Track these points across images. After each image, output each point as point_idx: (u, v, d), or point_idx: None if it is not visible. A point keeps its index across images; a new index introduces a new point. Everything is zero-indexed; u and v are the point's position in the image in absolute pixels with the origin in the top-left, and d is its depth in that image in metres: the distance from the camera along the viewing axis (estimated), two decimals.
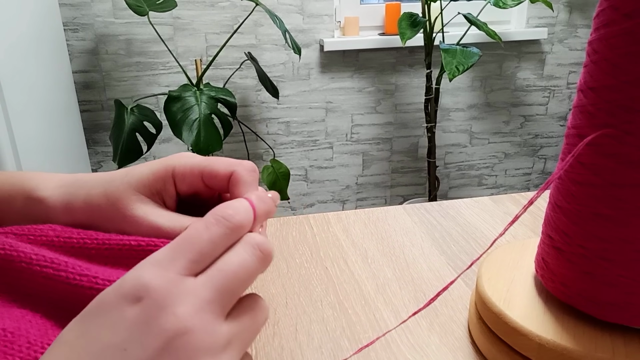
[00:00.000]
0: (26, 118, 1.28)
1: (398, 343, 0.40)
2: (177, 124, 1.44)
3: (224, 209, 0.25)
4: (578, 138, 0.33)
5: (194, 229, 0.24)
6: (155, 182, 0.31)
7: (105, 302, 0.22)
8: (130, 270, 0.23)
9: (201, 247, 0.24)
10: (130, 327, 0.21)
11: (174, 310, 0.22)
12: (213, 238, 0.24)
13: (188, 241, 0.24)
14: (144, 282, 0.22)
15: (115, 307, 0.22)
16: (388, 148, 2.11)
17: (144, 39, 1.80)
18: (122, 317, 0.22)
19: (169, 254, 0.23)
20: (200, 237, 0.24)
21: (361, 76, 1.99)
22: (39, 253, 0.28)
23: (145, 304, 0.22)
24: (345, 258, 0.52)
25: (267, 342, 0.40)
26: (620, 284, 0.32)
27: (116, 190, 0.31)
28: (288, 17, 1.85)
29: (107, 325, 0.22)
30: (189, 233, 0.24)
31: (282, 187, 1.72)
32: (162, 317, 0.21)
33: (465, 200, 0.65)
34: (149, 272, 0.22)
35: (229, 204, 0.25)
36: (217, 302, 0.23)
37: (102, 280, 0.27)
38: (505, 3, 1.66)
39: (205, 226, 0.24)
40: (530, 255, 0.42)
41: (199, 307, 0.22)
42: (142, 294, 0.22)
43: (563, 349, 0.32)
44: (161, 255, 0.23)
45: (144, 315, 0.21)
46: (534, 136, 2.23)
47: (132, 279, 0.22)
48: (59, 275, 0.27)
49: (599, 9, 0.31)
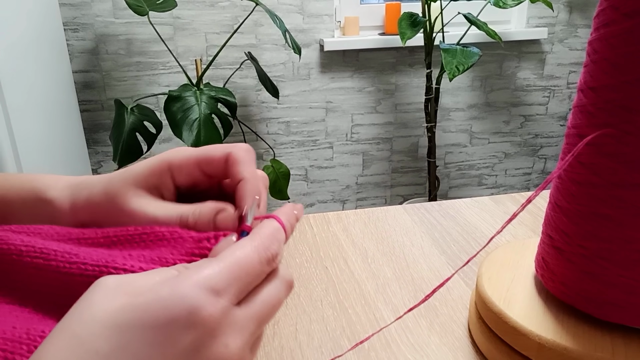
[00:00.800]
0: (26, 118, 1.28)
1: (398, 343, 0.40)
2: (177, 124, 1.44)
3: (272, 245, 0.26)
4: (578, 138, 0.33)
5: (248, 258, 0.25)
6: (152, 176, 0.32)
7: (152, 319, 0.21)
8: (178, 286, 0.22)
9: (251, 280, 0.25)
10: (180, 353, 0.21)
11: (225, 342, 0.22)
12: (262, 274, 0.25)
13: (243, 271, 0.24)
14: (199, 309, 0.22)
15: (165, 329, 0.21)
16: (388, 148, 2.11)
17: (144, 38, 1.80)
18: (173, 341, 0.21)
19: (225, 281, 0.23)
20: (254, 269, 0.25)
21: (361, 76, 1.99)
22: (28, 244, 0.28)
23: (199, 331, 0.22)
24: (345, 258, 0.52)
25: (267, 342, 0.40)
26: (620, 283, 0.32)
27: (114, 187, 0.31)
28: (288, 17, 1.85)
29: (155, 346, 0.21)
30: (244, 262, 0.24)
31: (282, 187, 1.72)
32: (213, 347, 0.22)
33: (465, 200, 0.65)
34: (203, 298, 0.22)
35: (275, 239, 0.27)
36: (255, 333, 0.24)
37: (92, 267, 0.27)
38: (505, 3, 1.66)
39: (259, 260, 0.25)
40: (530, 255, 0.42)
41: (246, 340, 0.24)
42: (196, 321, 0.22)
43: (563, 349, 0.32)
44: (216, 280, 0.23)
45: (196, 344, 0.22)
46: (534, 136, 2.23)
47: (185, 302, 0.22)
48: (49, 265, 0.27)
49: (599, 8, 0.31)
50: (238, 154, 0.31)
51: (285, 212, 0.29)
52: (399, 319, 0.43)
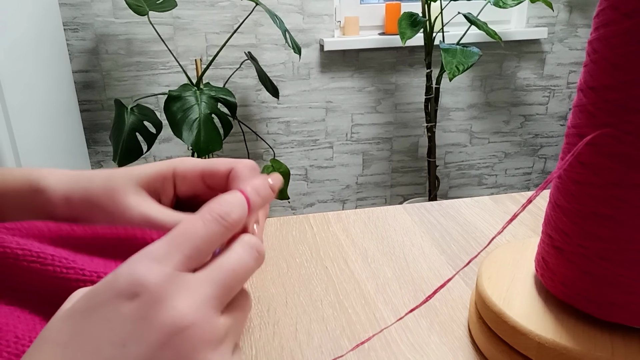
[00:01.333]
0: (26, 118, 1.28)
1: (398, 343, 0.40)
2: (177, 124, 1.44)
3: (220, 206, 0.25)
4: (578, 137, 0.33)
5: (191, 224, 0.24)
6: (155, 179, 0.32)
7: (99, 298, 0.22)
8: (122, 265, 0.23)
9: (198, 244, 0.24)
10: (128, 323, 0.21)
11: (173, 305, 0.22)
12: (210, 235, 0.24)
13: (185, 236, 0.24)
14: (140, 278, 0.22)
15: (111, 304, 0.21)
16: (388, 148, 2.11)
17: (144, 38, 1.80)
18: (119, 314, 0.21)
19: (165, 248, 0.23)
20: (197, 233, 0.24)
21: (361, 76, 1.99)
22: (25, 248, 0.28)
23: (143, 299, 0.21)
24: (345, 257, 0.52)
25: (267, 342, 0.40)
26: (619, 283, 0.32)
27: (116, 182, 0.31)
28: (288, 17, 1.85)
29: (104, 323, 0.21)
30: (186, 228, 0.24)
31: (282, 186, 1.72)
32: (161, 312, 0.21)
33: (465, 200, 0.65)
34: (144, 267, 0.22)
35: (225, 200, 0.25)
36: (217, 298, 0.23)
37: (89, 272, 0.27)
38: (505, 3, 1.66)
39: (202, 223, 0.24)
40: (530, 254, 0.42)
41: (200, 301, 0.22)
42: (138, 290, 0.22)
43: (563, 348, 0.32)
44: (157, 249, 0.23)
45: (142, 311, 0.21)
46: (534, 136, 2.23)
47: (127, 275, 0.22)
48: (47, 270, 0.27)
49: (599, 8, 0.31)
50: (240, 170, 0.31)
51: (252, 183, 0.28)
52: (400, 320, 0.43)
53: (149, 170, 0.32)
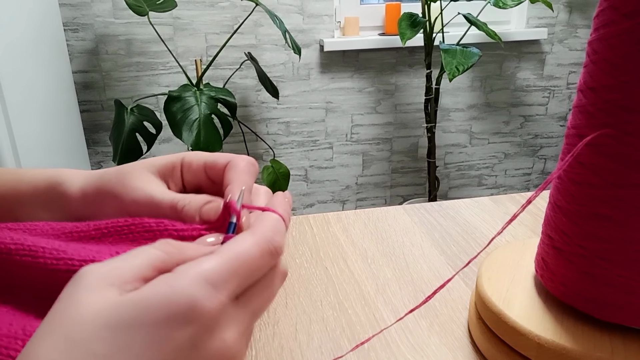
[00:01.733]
0: (26, 118, 1.28)
1: (398, 343, 0.40)
2: (177, 124, 1.44)
3: (274, 235, 0.26)
4: (578, 138, 0.33)
5: (250, 253, 0.24)
6: (166, 167, 0.34)
7: (151, 316, 0.21)
8: (178, 280, 0.22)
9: (251, 275, 0.24)
10: (178, 350, 0.21)
11: (222, 336, 0.22)
12: (263, 267, 0.25)
13: (243, 265, 0.24)
14: (198, 304, 0.21)
15: (164, 326, 0.21)
16: (388, 148, 2.11)
17: (144, 39, 1.80)
18: (171, 338, 0.21)
19: (225, 275, 0.23)
20: (254, 263, 0.24)
21: (361, 76, 1.99)
22: (17, 242, 0.28)
23: (197, 327, 0.21)
24: (345, 258, 0.52)
25: (267, 342, 0.40)
26: (619, 284, 0.32)
27: (129, 167, 0.33)
28: (288, 17, 1.85)
29: (153, 345, 0.21)
30: (245, 256, 0.24)
31: (282, 187, 1.72)
32: (211, 342, 0.22)
33: (465, 201, 0.65)
34: (203, 293, 0.22)
35: (277, 231, 0.26)
36: (251, 326, 0.25)
37: (79, 262, 0.27)
38: (505, 3, 1.66)
39: (260, 254, 0.25)
40: (530, 255, 0.42)
41: (242, 333, 0.24)
42: (194, 317, 0.21)
43: (562, 349, 0.32)
44: (217, 274, 0.23)
45: (194, 339, 0.21)
46: (534, 136, 2.23)
47: (185, 297, 0.21)
48: (37, 263, 0.27)
49: (599, 9, 0.31)
50: (237, 162, 0.32)
51: (279, 202, 0.29)
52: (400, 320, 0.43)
53: (160, 159, 0.34)
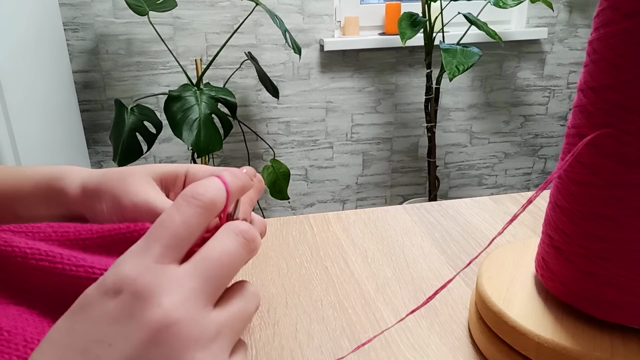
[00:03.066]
0: (26, 118, 1.28)
1: (398, 343, 0.40)
2: (177, 124, 1.44)
3: (193, 187, 0.24)
4: (578, 138, 0.33)
5: (166, 213, 0.23)
6: (169, 175, 0.34)
7: (88, 298, 0.22)
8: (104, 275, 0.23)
9: (175, 231, 0.23)
10: (113, 321, 0.21)
11: (158, 301, 0.21)
12: (186, 219, 0.23)
13: (160, 226, 0.23)
14: (122, 274, 0.22)
15: (97, 302, 0.21)
16: (388, 148, 2.11)
17: (144, 38, 1.80)
18: (104, 312, 0.21)
19: (144, 242, 0.23)
20: (173, 220, 0.23)
21: (361, 76, 1.99)
22: (33, 247, 0.28)
23: (126, 295, 0.21)
24: (345, 258, 0.52)
25: (267, 342, 0.40)
26: (619, 283, 0.32)
27: (132, 171, 0.33)
28: (288, 17, 1.85)
29: (90, 321, 0.21)
30: (162, 218, 0.23)
31: (282, 187, 1.72)
32: (145, 309, 0.21)
33: (465, 200, 0.65)
34: (126, 264, 0.22)
35: (198, 183, 0.25)
36: (203, 291, 0.22)
37: (100, 270, 0.27)
38: (506, 3, 1.66)
39: (176, 209, 0.23)
40: (530, 255, 0.42)
41: (185, 296, 0.22)
42: (121, 286, 0.21)
43: (562, 348, 0.32)
44: (137, 245, 0.23)
45: (126, 307, 0.21)
46: (534, 136, 2.23)
47: (112, 272, 0.22)
48: (55, 268, 0.27)
49: (599, 8, 0.31)
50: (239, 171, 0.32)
51: (229, 169, 0.27)
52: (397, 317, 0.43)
53: (164, 165, 0.34)
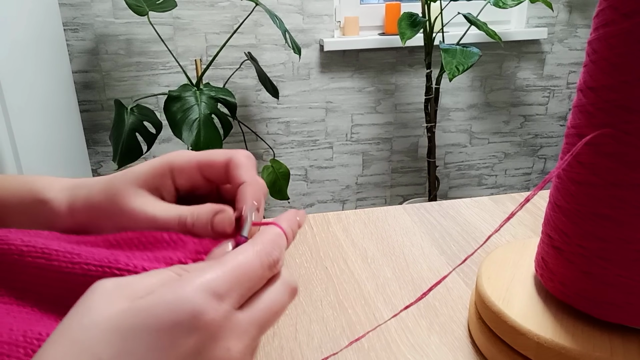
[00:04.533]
0: (26, 118, 1.28)
1: (398, 343, 0.40)
2: (177, 124, 1.44)
3: (273, 250, 0.26)
4: (577, 138, 0.33)
5: (250, 264, 0.25)
6: (154, 177, 0.32)
7: (156, 323, 0.21)
8: (181, 288, 0.22)
9: (253, 285, 0.25)
10: (182, 357, 0.21)
11: (227, 345, 0.22)
12: (263, 279, 0.25)
13: (245, 276, 0.24)
14: (202, 314, 0.22)
15: (169, 333, 0.21)
16: (388, 148, 2.11)
17: (144, 39, 1.80)
18: (176, 345, 0.21)
19: (228, 286, 0.23)
20: (256, 274, 0.25)
21: (361, 76, 1.99)
22: (29, 244, 0.28)
23: (201, 335, 0.22)
24: (345, 258, 0.52)
25: (267, 342, 0.40)
26: (618, 283, 0.32)
27: (115, 186, 0.31)
28: (288, 17, 1.85)
29: (158, 351, 0.21)
30: (246, 267, 0.24)
31: (282, 187, 1.72)
32: (215, 351, 0.22)
33: (465, 200, 0.65)
34: (207, 303, 0.22)
35: (276, 245, 0.26)
36: (259, 338, 0.25)
37: (95, 267, 0.27)
38: (505, 3, 1.66)
39: (260, 265, 0.25)
40: (530, 255, 0.42)
41: (248, 344, 0.24)
42: (199, 325, 0.22)
43: (561, 348, 0.32)
44: (220, 286, 0.23)
45: (198, 347, 0.22)
46: (534, 136, 2.23)
47: (189, 306, 0.22)
48: (51, 265, 0.27)
49: (599, 8, 0.31)
50: (239, 159, 0.31)
51: (286, 218, 0.29)
52: (398, 318, 0.43)
53: (145, 168, 0.32)
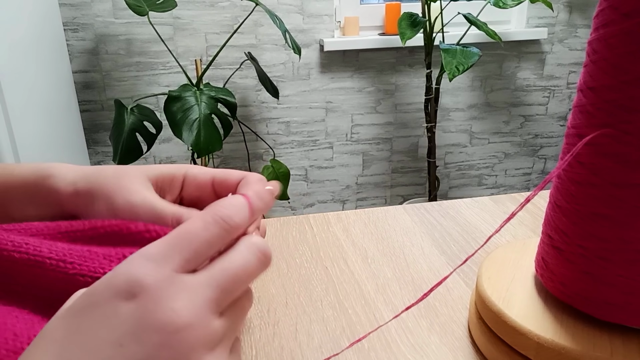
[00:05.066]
0: (26, 118, 1.28)
1: (398, 343, 0.40)
2: (177, 124, 1.44)
3: (222, 208, 0.25)
4: (577, 138, 0.33)
5: (192, 227, 0.24)
6: (165, 177, 0.33)
7: (97, 297, 0.22)
8: (121, 264, 0.23)
9: (197, 247, 0.24)
10: (126, 323, 0.21)
11: (171, 306, 0.22)
12: (210, 239, 0.24)
13: (184, 239, 0.24)
14: (138, 278, 0.22)
15: (109, 303, 0.22)
16: (388, 148, 2.11)
17: (144, 39, 1.80)
18: (117, 313, 0.21)
19: (164, 250, 0.23)
20: (198, 236, 0.24)
21: (361, 76, 1.99)
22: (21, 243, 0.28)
23: (141, 299, 0.22)
24: (345, 258, 0.52)
25: (267, 342, 0.40)
26: (618, 283, 0.32)
27: (126, 170, 0.33)
28: (288, 17, 1.85)
29: (102, 321, 0.21)
30: (186, 230, 0.24)
31: (282, 187, 1.72)
32: (159, 313, 0.21)
33: (465, 200, 0.65)
34: (143, 268, 0.22)
35: (227, 203, 0.25)
36: (216, 300, 0.23)
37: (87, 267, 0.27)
38: (505, 3, 1.66)
39: (203, 225, 0.24)
40: (530, 255, 0.42)
41: (198, 304, 0.22)
42: (136, 290, 0.22)
43: (561, 348, 0.32)
44: (156, 250, 0.23)
45: (140, 311, 0.21)
46: (534, 136, 2.23)
47: (126, 274, 0.22)
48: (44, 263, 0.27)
49: (599, 9, 0.31)
50: (250, 177, 0.32)
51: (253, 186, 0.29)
52: (398, 318, 0.43)
53: (158, 167, 0.34)
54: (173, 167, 0.34)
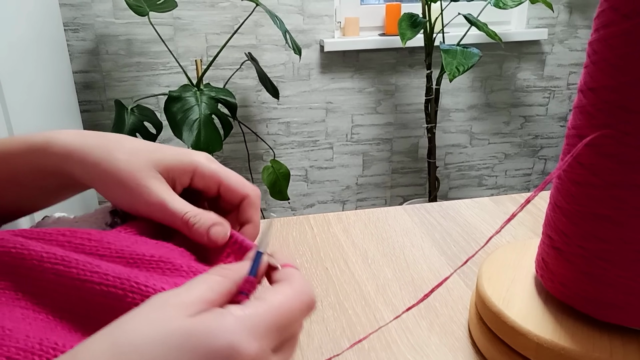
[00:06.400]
0: (26, 118, 1.28)
1: (398, 343, 0.40)
2: (177, 124, 1.44)
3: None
4: (578, 138, 0.33)
5: (292, 308, 0.26)
6: (176, 169, 0.34)
7: (195, 344, 0.22)
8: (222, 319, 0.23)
9: (292, 327, 0.26)
10: None
11: None
12: (300, 320, 0.27)
13: (286, 320, 0.25)
14: (240, 349, 0.22)
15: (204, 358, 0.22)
16: (388, 148, 2.11)
17: (144, 39, 1.80)
18: None
19: (268, 327, 0.24)
20: (294, 317, 0.26)
21: (361, 77, 1.99)
22: (49, 251, 0.28)
23: None
24: (345, 258, 0.52)
25: None
26: (618, 284, 0.32)
27: (140, 162, 0.33)
28: (288, 18, 1.85)
29: None
30: (291, 314, 0.25)
31: (282, 187, 1.72)
32: None
33: (466, 201, 0.65)
34: (245, 340, 0.23)
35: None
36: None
37: (113, 278, 0.27)
38: (506, 4, 1.66)
39: (299, 308, 0.26)
40: (530, 255, 0.42)
41: None
42: (234, 358, 0.22)
43: (561, 349, 0.32)
44: (260, 325, 0.24)
45: None
46: (534, 137, 2.23)
47: (228, 338, 0.22)
48: (70, 272, 0.27)
49: (599, 9, 0.31)
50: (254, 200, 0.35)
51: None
52: (399, 319, 0.43)
53: (174, 159, 0.35)
54: (186, 161, 0.35)
